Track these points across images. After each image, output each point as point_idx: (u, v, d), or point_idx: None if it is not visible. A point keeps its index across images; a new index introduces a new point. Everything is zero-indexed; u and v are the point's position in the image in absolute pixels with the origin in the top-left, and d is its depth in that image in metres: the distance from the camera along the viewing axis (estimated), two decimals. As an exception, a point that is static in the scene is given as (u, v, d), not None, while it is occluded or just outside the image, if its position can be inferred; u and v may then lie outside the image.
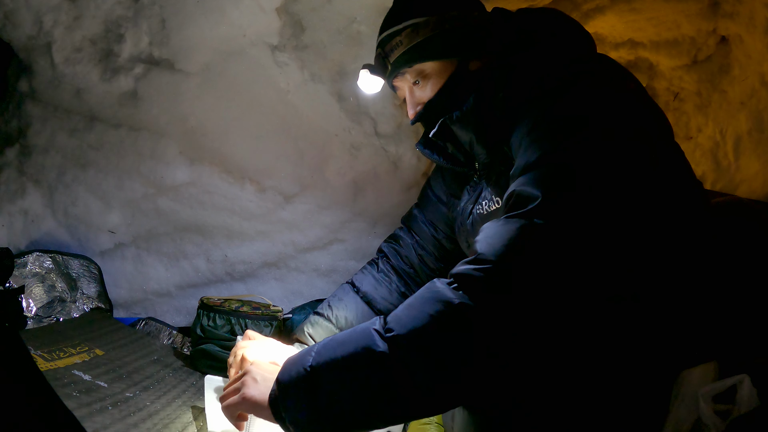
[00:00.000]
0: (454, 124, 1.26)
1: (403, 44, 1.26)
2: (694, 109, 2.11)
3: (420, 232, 1.67)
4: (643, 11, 2.01)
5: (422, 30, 1.24)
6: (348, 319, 1.58)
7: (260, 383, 1.02)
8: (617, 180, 0.94)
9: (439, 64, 1.27)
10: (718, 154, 2.03)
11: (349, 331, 0.96)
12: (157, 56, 2.03)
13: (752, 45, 1.80)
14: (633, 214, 0.94)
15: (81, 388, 1.32)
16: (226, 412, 1.05)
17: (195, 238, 2.18)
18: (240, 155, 2.15)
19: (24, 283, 1.84)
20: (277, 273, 2.23)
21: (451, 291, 0.88)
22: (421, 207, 1.69)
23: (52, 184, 2.08)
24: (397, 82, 1.34)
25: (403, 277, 1.66)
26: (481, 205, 1.29)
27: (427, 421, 1.41)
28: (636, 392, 1.02)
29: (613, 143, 0.96)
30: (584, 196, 0.91)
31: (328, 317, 1.58)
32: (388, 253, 1.69)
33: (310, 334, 1.55)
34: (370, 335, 0.91)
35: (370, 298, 1.62)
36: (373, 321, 0.94)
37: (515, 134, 1.08)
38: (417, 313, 0.89)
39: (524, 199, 0.92)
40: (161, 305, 2.17)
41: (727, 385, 0.91)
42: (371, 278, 1.66)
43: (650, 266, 1.00)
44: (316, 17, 2.05)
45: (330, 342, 0.96)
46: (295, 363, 0.97)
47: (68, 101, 2.05)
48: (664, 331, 1.04)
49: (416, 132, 2.21)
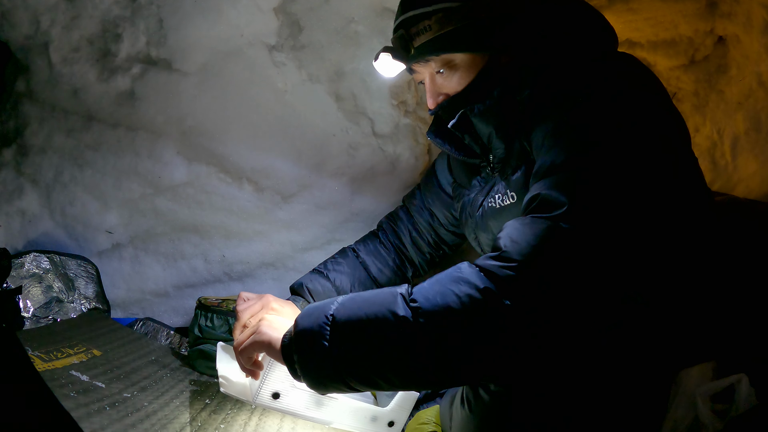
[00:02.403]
0: (475, 117, 1.22)
1: (431, 30, 1.16)
2: (692, 109, 2.11)
3: (417, 215, 1.70)
4: (641, 11, 2.01)
5: (455, 17, 1.14)
6: (345, 282, 1.61)
7: (276, 326, 1.07)
8: (641, 188, 0.94)
9: (469, 56, 1.19)
10: (715, 154, 2.04)
11: (376, 291, 0.98)
12: (154, 56, 2.03)
13: (749, 45, 1.81)
14: (653, 222, 0.95)
15: (79, 389, 1.32)
16: (239, 356, 1.11)
17: (193, 238, 2.17)
18: (238, 155, 2.15)
19: (21, 284, 1.84)
20: (274, 273, 2.23)
21: (479, 277, 0.89)
22: (423, 190, 1.71)
23: (49, 184, 2.08)
24: (418, 68, 1.26)
25: (399, 254, 1.71)
26: (494, 199, 1.27)
27: (425, 421, 1.42)
28: (635, 391, 1.02)
29: (638, 151, 0.96)
30: (609, 204, 0.91)
31: (328, 276, 1.60)
32: (386, 229, 1.74)
33: (308, 288, 1.57)
34: (395, 299, 0.92)
35: (368, 265, 1.66)
36: (401, 285, 0.96)
37: (537, 131, 1.06)
38: (443, 289, 0.90)
39: (551, 203, 0.92)
40: (159, 305, 2.17)
41: (725, 384, 0.91)
42: (372, 248, 1.70)
43: (663, 270, 1.00)
44: (314, 17, 2.05)
45: (356, 297, 0.98)
46: (317, 309, 0.99)
47: (65, 101, 2.05)
48: (664, 331, 1.04)
49: (413, 132, 2.21)
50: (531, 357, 0.90)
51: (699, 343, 1.06)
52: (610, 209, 0.91)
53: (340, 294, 1.46)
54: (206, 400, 1.47)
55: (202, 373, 1.68)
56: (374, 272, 1.66)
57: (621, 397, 1.01)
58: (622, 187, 0.93)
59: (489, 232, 1.32)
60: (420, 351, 0.88)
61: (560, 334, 0.89)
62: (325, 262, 1.65)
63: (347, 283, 1.61)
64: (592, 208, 0.91)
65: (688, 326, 1.05)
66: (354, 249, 1.70)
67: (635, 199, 0.93)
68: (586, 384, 1.00)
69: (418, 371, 0.90)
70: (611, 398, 1.00)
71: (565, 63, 1.10)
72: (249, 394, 1.20)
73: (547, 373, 0.99)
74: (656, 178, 0.97)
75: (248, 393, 1.21)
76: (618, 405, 1.01)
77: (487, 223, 1.30)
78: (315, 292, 1.55)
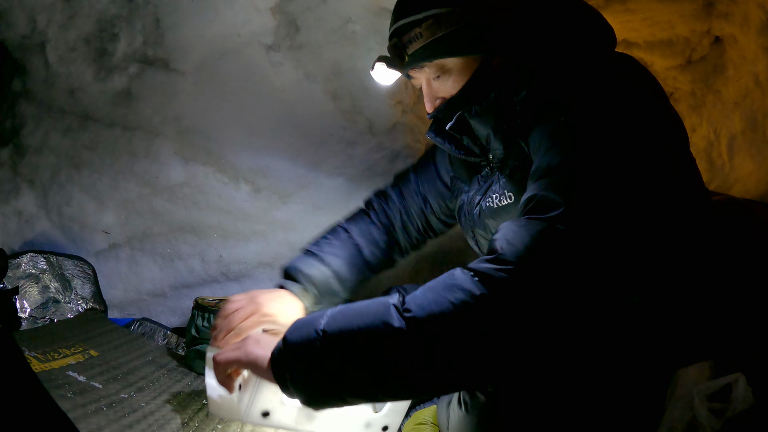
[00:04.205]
0: (473, 118, 1.23)
1: (423, 37, 1.17)
2: (689, 109, 2.12)
3: (410, 198, 1.65)
4: (638, 12, 2.01)
5: (444, 22, 1.15)
6: (337, 263, 1.52)
7: (262, 344, 1.02)
8: (638, 189, 0.94)
9: (461, 60, 1.20)
10: (712, 154, 2.04)
11: (366, 302, 0.97)
12: (151, 56, 2.02)
13: (746, 45, 1.81)
14: (650, 222, 0.95)
15: (76, 389, 1.31)
16: (216, 366, 1.06)
17: (190, 238, 2.17)
18: (235, 155, 2.15)
19: (18, 284, 1.83)
20: (272, 273, 2.23)
21: (473, 282, 0.88)
22: (417, 174, 1.65)
23: (46, 185, 2.07)
24: (414, 74, 1.27)
25: (388, 236, 1.64)
26: (491, 198, 1.27)
27: (422, 421, 1.42)
28: (632, 391, 1.02)
29: (636, 152, 0.97)
30: (606, 205, 0.92)
31: (323, 259, 1.51)
32: (377, 209, 1.67)
33: (305, 272, 1.47)
34: (388, 310, 0.91)
35: (362, 247, 1.58)
36: (391, 296, 0.95)
37: (535, 132, 1.07)
38: (437, 297, 0.89)
39: (547, 204, 0.92)
40: (156, 306, 2.16)
41: (722, 384, 0.91)
42: (364, 227, 1.62)
43: (660, 270, 1.01)
44: (311, 17, 2.04)
45: (346, 310, 0.96)
46: (306, 324, 0.97)
47: (62, 101, 2.05)
48: (661, 330, 1.04)
49: (411, 131, 2.21)
50: (529, 358, 0.90)
51: (696, 342, 1.06)
52: (606, 210, 0.91)
53: (337, 278, 1.48)
54: (203, 401, 1.47)
55: (200, 374, 1.68)
56: (367, 255, 1.59)
57: (618, 397, 1.01)
58: (618, 188, 0.93)
59: (487, 230, 1.31)
60: (417, 360, 0.87)
61: (557, 336, 0.89)
62: (318, 243, 1.57)
63: (343, 267, 1.53)
64: (588, 210, 0.91)
65: (685, 326, 1.06)
66: (346, 229, 1.61)
67: (632, 200, 0.93)
68: (584, 384, 1.00)
69: (416, 381, 0.90)
70: (609, 398, 1.01)
71: (561, 63, 1.11)
72: (239, 414, 1.17)
73: (544, 374, 0.99)
74: (653, 179, 0.97)
75: (237, 412, 1.18)
76: (615, 404, 1.01)
77: (485, 222, 1.30)
78: (312, 278, 1.47)
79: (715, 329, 1.08)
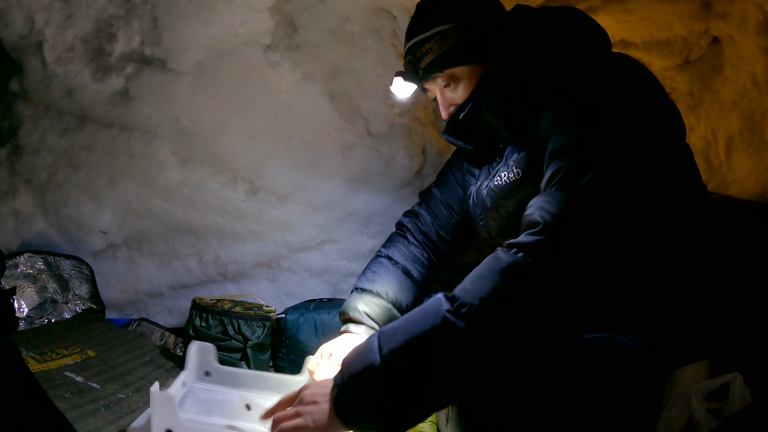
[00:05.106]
0: (483, 108, 1.35)
1: (432, 51, 1.33)
2: (686, 109, 2.12)
3: (437, 211, 1.72)
4: (636, 12, 2.01)
5: (450, 37, 1.32)
6: (392, 292, 1.57)
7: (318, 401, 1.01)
8: (648, 157, 1.06)
9: (468, 68, 1.34)
10: (709, 154, 2.04)
11: (412, 314, 1.01)
12: (148, 55, 2.02)
13: (744, 45, 1.81)
14: (658, 199, 1.06)
15: (73, 390, 1.31)
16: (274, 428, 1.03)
17: (187, 238, 2.17)
18: (232, 155, 2.15)
19: (15, 285, 1.83)
20: (269, 273, 2.23)
21: (514, 256, 0.97)
22: (440, 187, 1.74)
23: (43, 185, 2.07)
24: (428, 86, 1.42)
25: (428, 251, 1.70)
26: (500, 177, 1.35)
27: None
28: (630, 390, 1.02)
29: (643, 125, 1.08)
30: (624, 170, 1.03)
31: (378, 293, 1.55)
32: (411, 228, 1.73)
33: (365, 312, 1.51)
34: (441, 315, 0.95)
35: (410, 270, 1.64)
36: (437, 301, 0.99)
37: (544, 117, 1.18)
38: (486, 282, 0.96)
39: (576, 173, 1.02)
40: (153, 306, 2.16)
41: (719, 383, 0.92)
42: (405, 250, 1.68)
43: (658, 267, 1.09)
44: (309, 17, 2.05)
45: (396, 329, 1.00)
46: (357, 358, 0.99)
47: (59, 101, 2.04)
48: (659, 330, 1.04)
49: (408, 132, 2.22)
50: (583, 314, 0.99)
51: (694, 341, 1.06)
52: (626, 174, 1.02)
53: (396, 306, 1.55)
54: (201, 401, 1.47)
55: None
56: (415, 275, 1.64)
57: (617, 396, 1.01)
58: (634, 156, 1.04)
59: (499, 211, 1.37)
60: (485, 350, 0.93)
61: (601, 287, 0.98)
62: (367, 277, 1.60)
63: (398, 294, 1.57)
64: (613, 174, 1.01)
65: (682, 325, 1.06)
66: (388, 256, 1.65)
67: (644, 166, 1.05)
68: (582, 384, 1.01)
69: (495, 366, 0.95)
70: (607, 397, 1.01)
71: (564, 61, 1.21)
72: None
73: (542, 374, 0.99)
74: (660, 148, 1.09)
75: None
76: (614, 404, 1.01)
77: (497, 202, 1.37)
78: (373, 314, 1.51)
79: (713, 329, 1.09)
